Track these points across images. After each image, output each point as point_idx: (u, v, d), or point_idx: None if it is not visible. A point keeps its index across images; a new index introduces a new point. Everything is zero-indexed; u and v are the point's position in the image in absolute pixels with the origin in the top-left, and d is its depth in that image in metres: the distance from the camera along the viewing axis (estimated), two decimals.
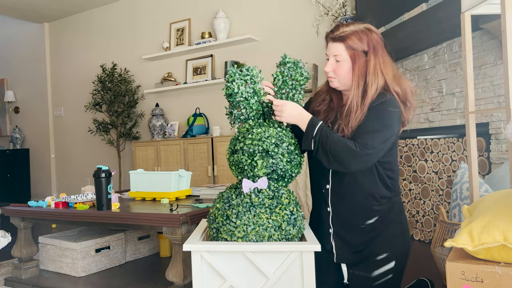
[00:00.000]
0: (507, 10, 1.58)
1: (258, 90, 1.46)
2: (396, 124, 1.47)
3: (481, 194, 1.92)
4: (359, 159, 1.41)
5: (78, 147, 6.19)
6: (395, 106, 1.46)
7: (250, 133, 1.39)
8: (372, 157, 1.43)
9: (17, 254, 2.69)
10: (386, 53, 1.53)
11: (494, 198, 1.12)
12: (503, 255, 0.92)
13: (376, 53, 1.49)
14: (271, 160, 1.36)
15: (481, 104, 2.77)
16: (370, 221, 1.53)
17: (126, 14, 5.70)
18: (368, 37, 1.50)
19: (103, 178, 2.27)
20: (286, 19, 4.48)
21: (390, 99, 1.46)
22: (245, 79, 1.45)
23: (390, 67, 1.53)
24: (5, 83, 6.99)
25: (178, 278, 1.98)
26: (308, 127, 1.46)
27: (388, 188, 1.54)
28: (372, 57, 1.49)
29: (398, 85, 1.51)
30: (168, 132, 5.03)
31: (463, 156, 3.03)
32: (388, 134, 1.44)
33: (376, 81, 1.47)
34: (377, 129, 1.43)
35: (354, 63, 1.49)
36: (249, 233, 1.30)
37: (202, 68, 5.02)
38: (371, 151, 1.41)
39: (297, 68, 1.52)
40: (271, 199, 1.35)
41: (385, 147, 1.46)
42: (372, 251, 1.53)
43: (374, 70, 1.48)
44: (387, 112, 1.45)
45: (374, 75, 1.47)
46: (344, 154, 1.40)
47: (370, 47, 1.49)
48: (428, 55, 3.34)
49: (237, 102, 1.45)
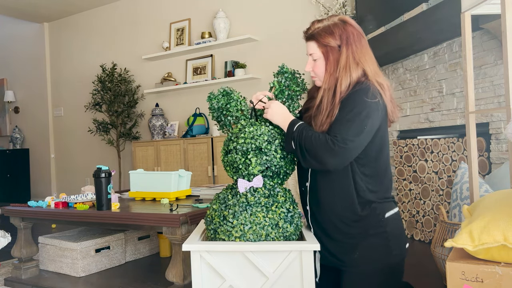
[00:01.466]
0: (507, 10, 1.58)
1: (237, 97, 1.52)
2: (374, 115, 1.35)
3: (481, 194, 1.92)
4: (332, 153, 1.30)
5: (78, 147, 6.19)
6: (373, 95, 1.35)
7: (242, 132, 1.41)
8: (347, 151, 1.31)
9: (17, 254, 2.69)
10: (365, 45, 1.44)
11: (494, 198, 1.12)
12: (503, 255, 0.92)
13: (349, 45, 1.41)
14: (265, 157, 1.38)
15: (481, 104, 2.76)
16: (347, 227, 1.41)
17: (126, 14, 5.70)
18: (341, 30, 1.42)
19: (103, 178, 2.27)
20: (286, 19, 4.48)
21: (365, 87, 1.36)
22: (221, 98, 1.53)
23: (370, 59, 1.44)
24: (5, 83, 6.99)
25: (178, 278, 1.98)
26: (288, 127, 1.42)
27: (368, 191, 1.41)
28: (344, 50, 1.41)
29: (379, 79, 1.42)
30: (168, 132, 5.03)
31: (463, 156, 3.02)
32: (363, 124, 1.32)
33: (348, 76, 1.38)
34: (348, 119, 1.32)
35: (327, 60, 1.43)
36: (247, 232, 1.30)
37: (202, 68, 5.02)
38: (342, 144, 1.29)
39: (295, 78, 1.53)
40: (267, 198, 1.36)
41: (362, 140, 1.33)
42: (351, 263, 1.41)
43: (346, 63, 1.39)
44: (361, 101, 1.34)
45: (346, 69, 1.39)
46: (317, 149, 1.32)
47: (342, 40, 1.41)
48: (428, 55, 3.34)
49: (218, 114, 1.52)
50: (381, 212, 1.42)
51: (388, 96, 1.42)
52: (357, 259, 1.40)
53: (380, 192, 1.43)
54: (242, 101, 1.52)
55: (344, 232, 1.42)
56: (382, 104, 1.38)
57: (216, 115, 1.52)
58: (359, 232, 1.40)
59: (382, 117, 1.39)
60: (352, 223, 1.41)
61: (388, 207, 1.45)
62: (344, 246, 1.42)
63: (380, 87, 1.39)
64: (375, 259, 1.40)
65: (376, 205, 1.41)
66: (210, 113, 1.53)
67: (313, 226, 1.49)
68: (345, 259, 1.42)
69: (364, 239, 1.40)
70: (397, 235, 1.44)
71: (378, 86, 1.38)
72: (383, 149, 1.44)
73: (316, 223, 1.47)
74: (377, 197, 1.42)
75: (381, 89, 1.39)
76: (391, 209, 1.45)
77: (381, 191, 1.44)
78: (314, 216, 1.48)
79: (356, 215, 1.40)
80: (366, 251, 1.40)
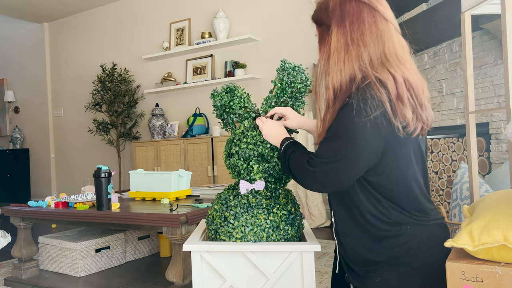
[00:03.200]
0: (507, 10, 1.58)
1: (240, 94, 1.45)
2: (363, 137, 1.02)
3: (481, 194, 1.92)
4: (311, 177, 1.09)
5: (78, 147, 6.19)
6: (361, 114, 1.00)
7: (245, 136, 1.37)
8: (322, 175, 1.06)
9: (17, 254, 2.69)
10: (369, 22, 1.07)
11: (494, 198, 1.12)
12: (503, 255, 0.92)
13: (342, 24, 1.07)
14: (267, 164, 1.35)
15: (481, 104, 2.77)
16: (363, 250, 1.14)
17: (126, 14, 5.70)
18: (337, 3, 1.10)
19: (103, 178, 2.27)
20: (286, 19, 4.48)
21: (350, 105, 1.02)
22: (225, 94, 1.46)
23: (374, 41, 1.06)
24: (5, 83, 6.99)
25: (178, 278, 1.98)
26: (280, 149, 1.26)
27: (385, 215, 1.09)
28: (334, 31, 1.08)
29: (383, 71, 1.04)
30: (168, 132, 5.03)
31: (463, 156, 3.02)
32: (344, 149, 1.03)
33: (337, 68, 1.06)
34: (332, 138, 1.06)
35: (321, 42, 1.15)
36: (247, 234, 1.30)
37: (202, 68, 5.02)
38: (315, 168, 1.07)
39: (298, 74, 1.41)
40: (268, 200, 1.35)
41: (347, 166, 1.04)
42: (369, 285, 1.14)
43: (337, 50, 1.07)
44: (346, 121, 1.03)
45: (336, 58, 1.07)
46: (298, 173, 1.14)
47: (335, 17, 1.09)
48: (428, 55, 3.33)
49: (223, 111, 1.46)
50: (409, 238, 1.10)
51: (393, 95, 1.03)
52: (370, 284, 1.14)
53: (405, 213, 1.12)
54: (246, 97, 1.45)
55: (360, 247, 1.15)
56: (381, 118, 1.02)
57: (219, 113, 1.47)
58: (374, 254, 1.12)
59: (385, 134, 1.04)
60: (369, 242, 1.13)
61: (419, 231, 1.11)
62: (363, 262, 1.16)
63: (378, 83, 1.03)
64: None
65: (404, 230, 1.10)
66: (214, 111, 1.48)
67: (336, 236, 1.25)
68: (364, 278, 1.17)
69: (382, 266, 1.12)
70: (427, 267, 1.10)
71: (375, 82, 1.03)
72: (391, 167, 1.09)
73: (338, 234, 1.23)
74: (402, 220, 1.12)
75: (379, 87, 1.02)
76: (421, 235, 1.12)
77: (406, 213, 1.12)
78: (336, 226, 1.24)
79: (374, 235, 1.12)
80: (382, 279, 1.12)
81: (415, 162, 1.12)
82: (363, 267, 1.15)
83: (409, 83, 1.06)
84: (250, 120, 1.42)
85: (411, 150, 1.10)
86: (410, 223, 1.09)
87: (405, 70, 1.06)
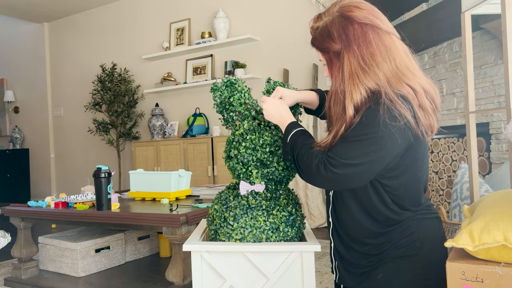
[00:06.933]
0: (507, 10, 1.58)
1: (241, 89, 1.40)
2: (389, 140, 1.05)
3: (481, 194, 1.91)
4: (323, 180, 1.09)
5: (78, 147, 6.19)
6: (388, 117, 1.04)
7: (244, 139, 1.33)
8: (343, 176, 1.06)
9: (17, 254, 2.68)
10: (374, 41, 1.11)
11: (494, 198, 1.12)
12: (504, 255, 0.92)
13: (350, 48, 1.11)
14: (266, 169, 1.32)
15: (481, 104, 2.76)
16: (369, 240, 1.18)
17: (126, 14, 5.70)
18: (340, 29, 1.13)
19: (103, 178, 2.27)
20: (286, 19, 4.48)
21: (375, 108, 1.06)
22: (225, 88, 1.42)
23: (385, 59, 1.10)
24: (5, 83, 6.99)
25: (178, 278, 1.98)
26: (284, 133, 1.22)
27: (393, 211, 1.15)
28: (345, 56, 1.12)
29: (402, 85, 1.08)
30: (168, 132, 5.03)
31: (463, 156, 3.02)
32: (371, 150, 1.06)
33: (356, 87, 1.09)
34: (356, 138, 1.07)
35: (331, 67, 1.18)
36: (246, 236, 1.29)
37: (202, 68, 5.02)
38: (335, 169, 1.06)
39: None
40: (268, 201, 1.34)
41: (371, 168, 1.07)
42: (370, 284, 1.17)
43: (351, 73, 1.11)
44: (371, 123, 1.06)
45: (352, 79, 1.10)
46: (308, 171, 1.11)
47: (342, 43, 1.13)
48: (428, 55, 3.33)
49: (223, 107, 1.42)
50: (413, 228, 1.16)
51: (416, 106, 1.08)
52: (376, 279, 1.17)
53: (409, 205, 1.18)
54: (247, 92, 1.41)
55: (366, 243, 1.19)
56: (404, 126, 1.06)
57: (219, 110, 1.43)
58: (383, 247, 1.17)
59: (405, 141, 1.08)
60: (375, 237, 1.18)
61: (423, 222, 1.18)
62: (365, 261, 1.20)
63: (400, 99, 1.06)
64: (397, 283, 1.14)
65: (408, 222, 1.17)
66: (214, 106, 1.44)
67: (333, 239, 1.28)
68: (366, 275, 1.20)
69: (388, 257, 1.16)
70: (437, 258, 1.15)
71: (397, 99, 1.06)
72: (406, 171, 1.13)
73: (338, 236, 1.26)
74: (408, 212, 1.17)
75: (402, 103, 1.06)
76: (423, 226, 1.18)
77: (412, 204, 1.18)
78: (335, 228, 1.27)
79: (380, 231, 1.17)
80: (389, 271, 1.16)
81: (426, 166, 1.18)
82: (365, 263, 1.19)
83: (426, 91, 1.11)
84: (250, 120, 1.39)
85: (425, 153, 1.16)
86: (415, 218, 1.16)
87: (419, 80, 1.11)
